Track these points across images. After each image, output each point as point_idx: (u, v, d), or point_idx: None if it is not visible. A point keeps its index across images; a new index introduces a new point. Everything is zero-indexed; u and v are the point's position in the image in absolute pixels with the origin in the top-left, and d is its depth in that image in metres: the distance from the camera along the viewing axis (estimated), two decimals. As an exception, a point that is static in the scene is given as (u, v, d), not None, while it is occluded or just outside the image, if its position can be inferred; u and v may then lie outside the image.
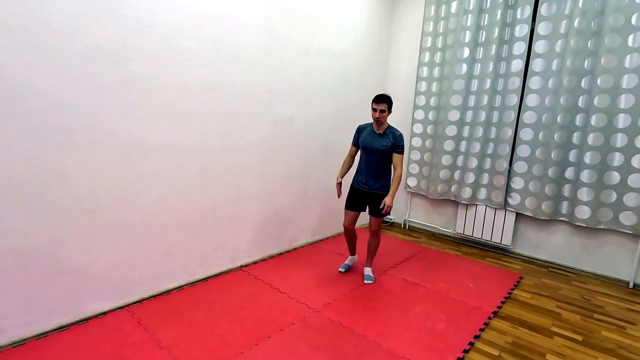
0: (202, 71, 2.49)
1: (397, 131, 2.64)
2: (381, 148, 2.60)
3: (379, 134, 2.63)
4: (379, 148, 2.61)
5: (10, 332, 1.89)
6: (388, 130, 2.63)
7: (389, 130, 2.63)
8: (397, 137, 2.60)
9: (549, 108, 3.21)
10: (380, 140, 2.62)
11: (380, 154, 2.62)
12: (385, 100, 2.53)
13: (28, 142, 1.83)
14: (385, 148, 2.60)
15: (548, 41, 3.17)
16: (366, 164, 2.70)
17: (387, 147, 2.59)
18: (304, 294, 2.58)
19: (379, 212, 2.63)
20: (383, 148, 2.60)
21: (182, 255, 2.60)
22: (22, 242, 1.87)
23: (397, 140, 2.59)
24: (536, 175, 3.33)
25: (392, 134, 2.61)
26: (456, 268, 3.20)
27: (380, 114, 2.54)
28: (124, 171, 2.20)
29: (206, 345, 1.96)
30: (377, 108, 2.54)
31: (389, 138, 2.60)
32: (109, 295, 2.25)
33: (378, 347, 2.01)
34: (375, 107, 2.54)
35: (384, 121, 2.60)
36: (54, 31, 1.84)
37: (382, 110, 2.54)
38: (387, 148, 2.60)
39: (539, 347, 2.09)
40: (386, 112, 2.55)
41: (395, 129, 2.65)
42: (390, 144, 2.59)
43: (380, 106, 2.53)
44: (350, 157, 2.83)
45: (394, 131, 2.63)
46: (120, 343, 1.95)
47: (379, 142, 2.61)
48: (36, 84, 1.82)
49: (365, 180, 2.70)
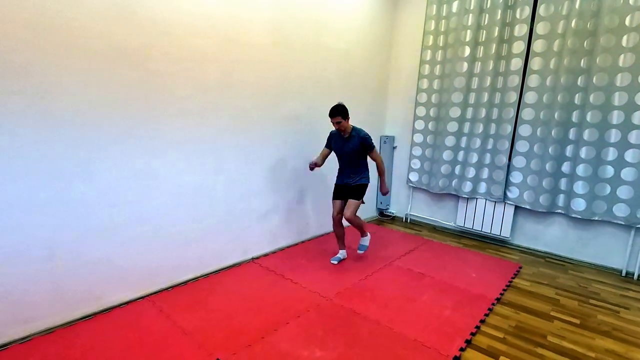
0: (215, 69, 2.57)
1: (362, 132, 2.87)
2: (350, 150, 2.88)
3: (345, 138, 2.89)
4: (348, 150, 2.89)
5: (40, 321, 1.97)
6: (353, 132, 2.87)
7: (353, 132, 2.87)
8: (362, 137, 2.84)
9: (547, 105, 3.34)
10: (348, 144, 2.88)
11: (351, 154, 2.90)
12: (336, 113, 2.73)
13: (55, 140, 1.90)
14: (354, 149, 2.87)
15: (546, 40, 3.29)
16: (343, 165, 3.02)
17: (357, 147, 2.86)
18: (315, 283, 2.68)
19: (356, 196, 2.91)
20: (352, 150, 2.88)
21: (197, 248, 2.68)
22: (50, 235, 1.94)
23: (363, 140, 2.84)
24: (534, 170, 3.47)
25: (357, 136, 2.85)
26: (458, 259, 3.33)
27: (338, 125, 2.78)
28: (142, 166, 2.28)
29: (227, 332, 2.06)
30: (333, 122, 2.78)
31: (355, 140, 2.85)
32: (130, 286, 2.33)
33: (390, 332, 2.13)
34: (332, 121, 2.78)
35: (345, 128, 2.82)
36: (80, 31, 1.90)
37: (338, 122, 2.76)
38: (355, 149, 2.87)
39: (540, 330, 2.23)
40: (342, 122, 2.76)
41: (360, 130, 2.88)
42: (359, 144, 2.85)
43: (335, 119, 2.76)
44: (322, 157, 2.99)
45: (359, 132, 2.87)
46: (146, 330, 2.04)
47: (347, 145, 2.88)
48: (63, 82, 1.88)
49: (346, 178, 2.99)
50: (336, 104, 2.77)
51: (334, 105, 2.76)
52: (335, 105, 2.76)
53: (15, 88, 1.74)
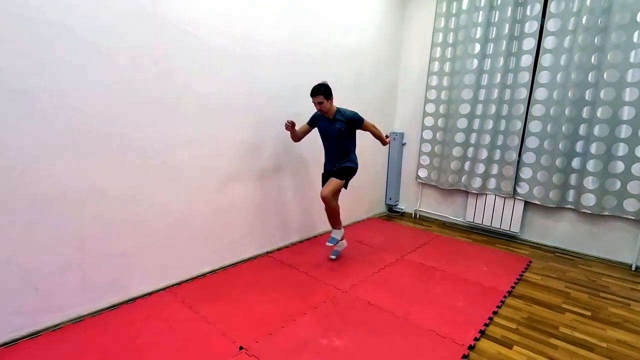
0: (232, 68, 2.63)
1: (347, 111, 2.75)
2: (336, 132, 2.75)
3: (329, 119, 2.77)
4: (334, 132, 2.76)
5: (69, 310, 2.05)
6: (337, 114, 2.75)
7: (338, 114, 2.75)
8: (348, 117, 2.72)
9: (557, 101, 3.37)
10: (334, 125, 2.75)
11: (338, 136, 2.76)
12: (317, 92, 2.60)
13: (82, 136, 1.97)
14: (340, 131, 2.74)
15: (557, 37, 3.32)
16: (328, 150, 2.88)
17: (343, 128, 2.73)
18: (330, 276, 2.75)
19: (339, 174, 2.78)
20: (337, 132, 2.75)
21: (215, 241, 2.76)
22: (80, 228, 2.02)
23: (350, 119, 2.72)
24: (544, 166, 3.50)
25: (341, 115, 2.73)
26: (468, 253, 3.38)
27: (319, 105, 2.65)
28: (164, 163, 2.35)
29: (248, 321, 2.13)
30: (314, 102, 2.65)
31: (340, 120, 2.73)
32: (152, 278, 2.41)
33: (405, 322, 2.19)
34: (313, 101, 2.66)
35: (328, 109, 2.69)
36: (106, 32, 1.97)
37: (319, 102, 2.63)
38: (341, 130, 2.73)
39: (552, 321, 2.28)
40: (324, 102, 2.62)
41: (345, 110, 2.76)
42: (344, 124, 2.72)
43: (316, 99, 2.63)
44: (301, 131, 2.86)
45: (344, 113, 2.74)
46: (170, 319, 2.12)
47: (333, 127, 2.75)
48: (89, 81, 1.96)
49: (333, 164, 2.87)
50: (318, 83, 2.63)
51: (315, 85, 2.63)
52: (317, 84, 2.62)
53: (44, 86, 1.81)
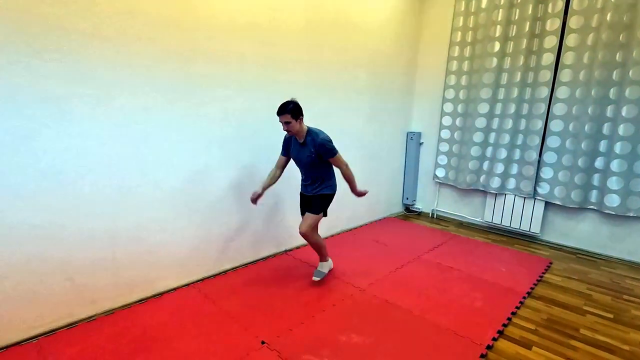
0: (252, 70, 2.71)
1: (319, 136, 2.34)
2: (307, 159, 2.40)
3: (301, 143, 2.40)
4: (305, 160, 2.41)
5: (102, 303, 2.18)
6: (308, 138, 2.36)
7: (308, 138, 2.36)
8: (318, 144, 2.32)
9: (580, 100, 3.31)
10: (304, 150, 2.39)
11: (309, 164, 2.42)
12: (284, 111, 2.24)
13: (115, 137, 2.09)
14: (311, 158, 2.38)
15: (579, 34, 3.26)
16: (303, 174, 2.57)
17: (312, 157, 2.37)
18: (347, 275, 2.80)
19: (317, 209, 2.50)
20: (308, 159, 2.39)
21: (237, 240, 2.85)
22: (112, 224, 2.14)
23: (319, 147, 2.33)
24: (566, 165, 3.44)
25: (312, 142, 2.35)
26: (486, 254, 3.36)
27: (287, 126, 2.27)
28: (190, 162, 2.45)
29: (269, 317, 2.21)
30: (280, 121, 2.28)
31: (310, 147, 2.35)
32: (178, 274, 2.52)
33: (423, 321, 2.22)
34: (280, 120, 2.28)
35: (297, 130, 2.32)
36: (136, 38, 2.08)
37: (287, 122, 2.25)
38: (312, 157, 2.37)
39: (573, 323, 2.26)
40: (292, 122, 2.25)
41: (316, 135, 2.35)
42: (315, 152, 2.35)
43: (282, 118, 2.26)
44: (278, 168, 2.56)
45: (315, 137, 2.34)
46: (195, 313, 2.22)
47: (303, 152, 2.40)
48: (120, 84, 2.07)
49: (305, 187, 2.58)
50: (286, 101, 2.29)
51: (282, 103, 2.27)
52: (284, 102, 2.27)
53: (81, 91, 1.93)
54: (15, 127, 1.75)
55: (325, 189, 2.51)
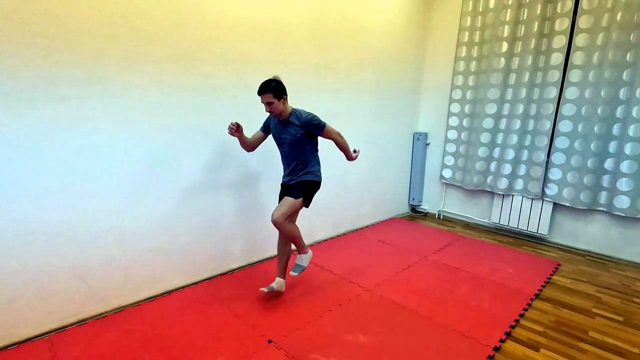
0: (259, 71, 2.72)
1: (304, 113, 2.20)
2: (291, 139, 2.21)
3: (283, 122, 2.22)
4: (289, 139, 2.22)
5: (112, 301, 2.21)
6: (292, 117, 2.19)
7: (293, 116, 2.19)
8: (305, 120, 2.17)
9: (589, 100, 3.27)
10: (289, 129, 2.20)
11: (292, 145, 2.22)
12: (266, 90, 2.07)
13: (126, 136, 2.12)
14: (295, 137, 2.19)
15: (589, 34, 3.22)
16: (284, 159, 2.34)
17: (298, 135, 2.19)
18: (353, 275, 2.80)
19: (293, 193, 2.25)
20: (293, 138, 2.20)
21: (243, 240, 2.87)
22: (120, 222, 2.17)
23: (306, 123, 2.17)
24: (575, 166, 3.41)
25: (297, 119, 2.18)
26: (494, 255, 3.34)
27: (269, 106, 2.11)
28: (197, 163, 2.47)
29: (275, 316, 2.22)
30: (262, 101, 2.11)
31: (295, 125, 2.18)
32: (185, 272, 2.54)
33: (430, 321, 2.21)
34: (262, 100, 2.11)
35: (281, 111, 2.15)
36: (146, 39, 2.11)
37: (269, 103, 2.09)
38: (297, 137, 2.19)
39: (581, 326, 2.24)
40: (275, 102, 2.08)
41: (301, 112, 2.21)
42: (302, 129, 2.18)
43: (264, 98, 2.09)
44: (254, 140, 2.38)
45: (300, 115, 2.19)
46: (202, 312, 2.24)
47: (287, 132, 2.21)
48: (130, 85, 2.09)
49: (289, 177, 2.33)
50: (268, 79, 2.11)
51: (263, 81, 2.10)
52: (266, 80, 2.10)
53: (91, 91, 1.96)
54: (29, 127, 1.78)
55: (309, 175, 2.28)
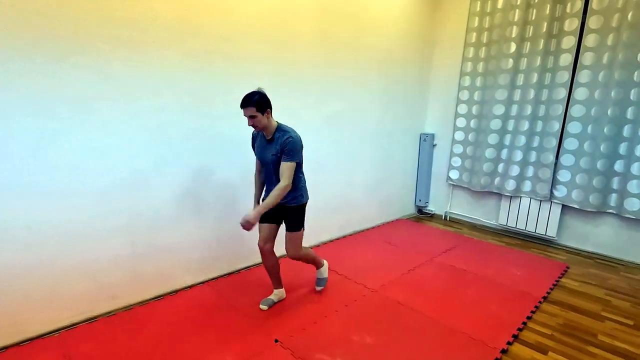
0: (268, 70, 2.74)
1: (288, 133, 2.03)
2: (272, 158, 2.07)
3: (268, 140, 2.09)
4: (270, 159, 2.08)
5: (121, 299, 2.24)
6: (277, 134, 2.05)
7: (277, 133, 2.05)
8: (285, 142, 2.00)
9: (599, 101, 3.24)
10: (270, 149, 2.07)
11: (275, 164, 2.07)
12: (249, 103, 1.93)
13: (137, 137, 2.15)
14: (275, 157, 2.05)
15: (599, 34, 3.19)
16: (268, 177, 2.20)
17: (277, 156, 2.04)
18: (359, 276, 2.80)
19: (297, 225, 2.22)
20: (273, 158, 2.06)
21: (250, 240, 2.88)
22: (127, 221, 2.20)
23: (282, 144, 2.01)
24: (584, 168, 3.37)
25: (280, 138, 2.03)
26: (501, 257, 3.32)
27: (252, 120, 1.97)
28: (204, 163, 2.50)
29: (281, 316, 2.23)
30: (245, 115, 1.97)
31: (277, 144, 2.03)
32: (193, 272, 2.57)
33: (437, 323, 2.21)
34: (244, 114, 1.97)
35: (264, 125, 2.01)
36: (161, 41, 2.14)
37: (252, 116, 1.95)
38: (276, 157, 2.04)
39: (590, 329, 2.22)
40: (258, 116, 1.95)
41: (286, 131, 2.05)
42: (279, 150, 2.02)
43: (247, 112, 1.95)
44: (259, 172, 2.29)
45: (283, 134, 2.03)
46: (211, 311, 2.26)
47: (269, 150, 2.08)
48: (145, 86, 2.13)
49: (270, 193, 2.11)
50: (251, 91, 1.97)
51: (246, 94, 1.96)
52: (249, 93, 1.96)
53: (106, 94, 1.99)
54: (42, 127, 1.82)
55: (294, 201, 2.17)
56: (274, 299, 2.39)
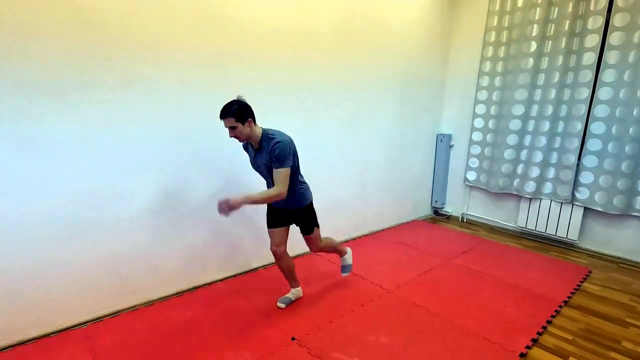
0: (284, 75, 2.77)
1: (275, 138, 1.95)
2: (264, 167, 2.04)
3: (256, 150, 2.05)
4: (262, 168, 2.06)
5: (142, 294, 2.31)
6: (264, 142, 1.99)
7: (264, 142, 1.98)
8: (272, 149, 1.92)
9: (624, 101, 3.14)
10: (260, 158, 2.03)
11: (270, 173, 2.02)
12: (227, 113, 1.87)
13: (156, 138, 2.22)
14: (267, 167, 2.01)
15: (625, 32, 3.09)
16: (269, 186, 2.15)
17: (268, 165, 1.99)
18: (375, 277, 2.80)
19: (309, 228, 2.25)
20: (266, 167, 2.02)
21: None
22: (149, 221, 2.27)
23: (270, 151, 1.93)
24: (608, 170, 3.28)
25: (267, 145, 1.96)
26: (519, 260, 3.26)
27: (232, 131, 1.91)
28: (216, 164, 2.55)
29: (297, 315, 2.26)
30: (225, 126, 1.91)
31: (265, 152, 1.98)
32: (211, 270, 2.63)
33: (452, 324, 2.19)
34: (225, 125, 1.91)
35: (248, 135, 1.95)
36: (180, 44, 2.20)
37: (232, 127, 1.89)
38: (268, 166, 2.00)
39: (613, 335, 2.16)
40: (239, 126, 1.88)
41: (272, 137, 1.96)
42: (269, 159, 1.97)
43: (226, 122, 1.89)
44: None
45: (270, 141, 1.95)
46: (228, 309, 2.31)
47: (260, 160, 2.04)
48: (164, 89, 2.19)
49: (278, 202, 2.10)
50: (230, 101, 1.91)
51: (224, 105, 1.90)
52: (228, 103, 1.90)
53: (122, 96, 2.06)
54: (70, 128, 1.90)
55: (300, 203, 2.16)
56: (291, 297, 2.42)
